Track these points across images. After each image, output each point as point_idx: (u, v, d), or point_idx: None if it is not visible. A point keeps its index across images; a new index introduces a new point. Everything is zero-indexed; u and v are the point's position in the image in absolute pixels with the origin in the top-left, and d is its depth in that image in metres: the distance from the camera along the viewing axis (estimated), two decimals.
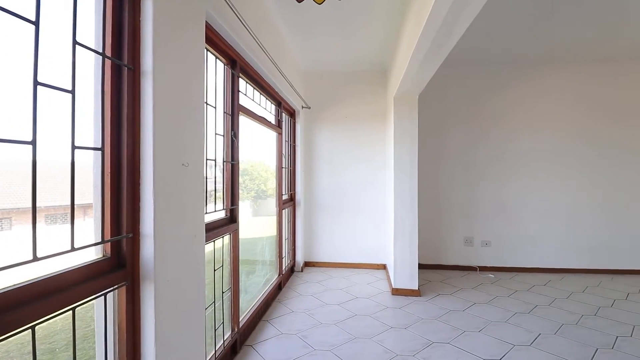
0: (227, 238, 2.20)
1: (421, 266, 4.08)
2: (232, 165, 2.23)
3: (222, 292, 2.13)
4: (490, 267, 4.07)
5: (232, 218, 2.23)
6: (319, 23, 2.88)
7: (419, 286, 3.28)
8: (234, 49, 2.16)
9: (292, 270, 3.92)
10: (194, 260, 1.51)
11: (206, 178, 1.87)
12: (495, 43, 3.40)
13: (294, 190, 3.96)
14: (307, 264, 4.16)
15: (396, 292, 3.23)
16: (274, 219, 3.39)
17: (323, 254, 4.15)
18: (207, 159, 1.87)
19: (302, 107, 3.96)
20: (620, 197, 3.95)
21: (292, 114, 3.88)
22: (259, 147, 3.42)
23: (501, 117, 4.07)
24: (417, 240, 3.25)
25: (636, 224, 3.92)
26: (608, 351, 2.25)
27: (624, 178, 3.94)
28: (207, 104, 1.87)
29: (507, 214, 4.07)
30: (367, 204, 4.08)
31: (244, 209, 3.47)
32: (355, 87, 4.10)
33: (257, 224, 3.63)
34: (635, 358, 2.16)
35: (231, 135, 2.23)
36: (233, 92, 2.25)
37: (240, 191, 3.43)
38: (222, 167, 2.18)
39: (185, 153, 1.42)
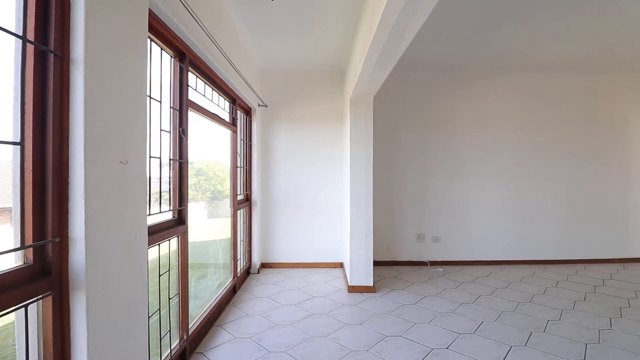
0: (174, 241, 2.08)
1: (376, 263, 4.19)
2: (181, 164, 2.12)
3: (169, 299, 2.01)
4: (440, 261, 4.30)
5: (180, 219, 2.11)
6: (276, 21, 2.84)
7: (374, 282, 3.37)
8: (183, 42, 2.05)
9: (248, 272, 3.82)
10: (134, 265, 1.40)
11: (150, 177, 1.75)
12: (442, 51, 3.61)
13: (250, 190, 3.87)
14: (264, 266, 4.09)
15: (352, 289, 3.28)
16: (230, 220, 3.28)
17: (281, 255, 4.10)
18: (150, 157, 1.75)
19: (259, 105, 3.88)
20: (548, 195, 4.39)
21: (248, 111, 3.79)
22: (213, 145, 3.29)
23: (448, 119, 4.33)
24: (372, 238, 3.33)
25: (562, 219, 4.39)
26: (541, 334, 2.47)
27: (553, 178, 4.39)
28: (150, 97, 1.75)
29: (454, 210, 4.33)
30: (325, 203, 4.11)
31: (199, 210, 3.32)
32: (313, 87, 4.11)
33: (213, 225, 3.50)
34: (563, 339, 2.40)
35: (179, 132, 2.11)
36: (181, 87, 2.14)
37: (194, 192, 3.29)
38: (169, 165, 2.06)
39: (123, 149, 1.31)
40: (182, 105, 2.14)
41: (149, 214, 1.74)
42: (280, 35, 3.14)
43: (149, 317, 1.65)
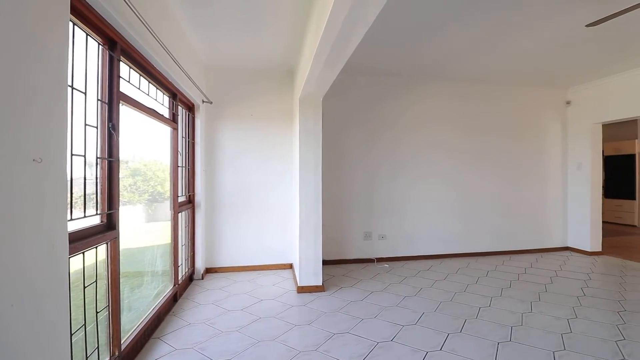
0: (103, 248, 1.88)
1: (326, 262, 4.24)
2: (110, 163, 1.92)
3: (97, 312, 1.81)
4: (386, 257, 4.48)
5: (109, 224, 1.91)
6: (221, 16, 2.72)
7: (323, 282, 3.39)
8: (114, 28, 1.86)
9: (191, 278, 3.60)
10: (52, 276, 1.22)
11: (72, 177, 1.56)
12: (387, 57, 3.77)
13: (194, 191, 3.65)
14: (210, 271, 3.89)
15: (301, 289, 3.26)
16: (170, 224, 3.06)
17: (228, 258, 3.94)
18: (72, 154, 1.56)
19: (203, 101, 3.69)
20: (480, 193, 4.82)
21: (190, 108, 3.57)
22: (153, 143, 3.05)
23: (393, 121, 4.53)
24: (321, 238, 3.35)
25: (491, 216, 4.85)
26: (474, 320, 2.69)
27: (484, 178, 4.83)
28: (72, 87, 1.56)
29: (398, 209, 4.55)
30: (275, 204, 4.04)
31: (136, 213, 3.05)
32: (262, 86, 4.02)
33: (152, 230, 3.24)
34: (492, 323, 2.63)
35: (109, 128, 1.91)
36: (112, 78, 1.94)
37: (130, 193, 3.01)
38: (97, 164, 1.85)
39: (37, 145, 1.14)
40: (113, 98, 1.94)
41: (71, 219, 1.55)
42: (227, 31, 3.01)
43: (71, 335, 1.47)
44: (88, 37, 1.73)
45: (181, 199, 3.32)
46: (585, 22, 2.87)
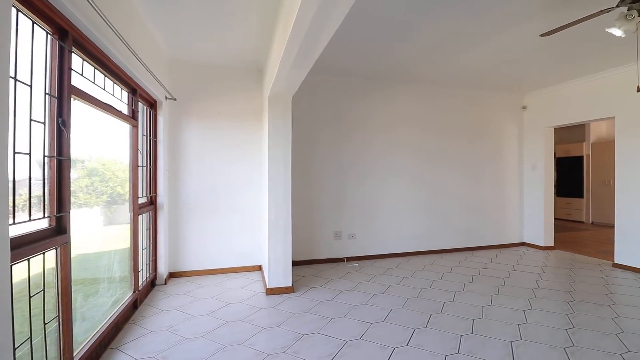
0: (51, 254, 1.73)
1: (296, 263, 4.21)
2: (60, 162, 1.78)
3: (45, 323, 1.66)
4: (356, 257, 4.53)
5: (59, 228, 1.77)
6: (185, 7, 2.61)
7: (292, 283, 3.36)
8: (64, 16, 1.72)
9: (153, 284, 3.43)
10: None
11: (14, 177, 1.42)
12: (356, 59, 3.81)
13: (156, 192, 3.48)
14: (173, 275, 3.73)
15: (270, 291, 3.21)
16: (129, 227, 2.89)
17: (194, 261, 3.79)
18: (15, 152, 1.42)
19: (166, 97, 3.53)
20: (445, 192, 5.01)
21: (152, 104, 3.40)
22: (112, 142, 2.88)
23: (363, 122, 4.60)
24: (290, 238, 3.32)
25: (455, 214, 5.06)
26: (438, 315, 2.78)
27: (449, 177, 5.03)
28: (15, 79, 1.43)
29: (368, 208, 4.62)
30: (244, 204, 3.95)
31: (93, 216, 2.85)
32: (230, 83, 3.92)
33: (111, 233, 3.04)
34: (455, 317, 2.73)
35: (58, 124, 1.77)
36: (62, 70, 1.80)
37: (87, 195, 2.81)
38: (44, 163, 1.70)
39: None
40: (63, 92, 1.80)
41: (13, 223, 1.42)
42: (192, 26, 2.90)
43: (14, 349, 1.35)
44: (35, 25, 1.60)
45: (142, 201, 3.15)
46: (540, 32, 3.07)
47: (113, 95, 2.52)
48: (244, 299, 3.10)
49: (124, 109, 2.74)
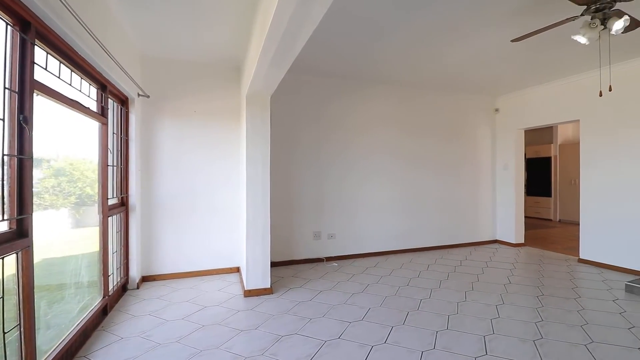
0: (12, 259, 1.62)
1: (274, 264, 4.17)
2: (21, 161, 1.67)
3: (4, 333, 1.56)
4: (335, 256, 4.54)
5: (20, 231, 1.66)
6: (159, 0, 2.53)
7: (271, 284, 3.32)
8: (26, 7, 1.62)
9: (124, 288, 3.30)
10: None
11: None
12: (335, 60, 3.82)
13: (127, 193, 3.34)
14: (147, 279, 3.60)
15: (248, 293, 3.16)
16: (98, 230, 2.76)
17: (168, 264, 3.68)
18: None
19: (139, 94, 3.40)
20: (422, 192, 5.12)
21: (124, 101, 3.27)
22: (80, 140, 2.74)
23: (342, 122, 4.62)
24: (269, 239, 3.28)
25: (432, 213, 5.18)
26: (415, 312, 2.83)
27: (425, 177, 5.14)
28: None
29: (347, 208, 4.64)
30: (222, 205, 3.87)
31: (60, 218, 2.70)
32: (207, 81, 3.83)
33: (80, 236, 2.90)
34: (432, 314, 2.79)
35: (20, 121, 1.66)
36: (24, 64, 1.69)
37: (53, 196, 2.66)
38: (2, 163, 1.59)
39: None
40: (25, 87, 1.70)
41: None
42: (167, 21, 2.81)
43: None
44: None
45: (113, 202, 3.02)
46: (511, 37, 3.18)
47: (80, 91, 2.40)
48: (221, 302, 3.03)
49: (93, 106, 2.62)
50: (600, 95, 3.10)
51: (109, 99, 2.88)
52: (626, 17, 2.24)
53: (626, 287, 3.33)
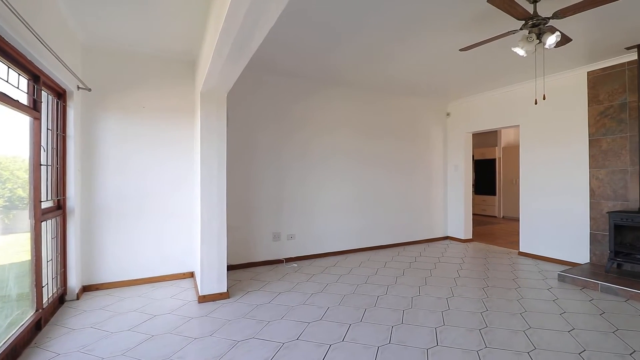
0: None
1: (232, 267, 4.04)
2: None
3: None
4: (295, 257, 4.51)
5: None
6: None
7: (228, 288, 3.21)
8: None
9: (61, 300, 2.99)
10: None
11: None
12: (297, 60, 3.81)
13: (65, 195, 3.03)
14: (88, 289, 3.30)
15: (203, 299, 3.03)
16: (30, 236, 2.48)
17: (115, 272, 3.40)
18: None
19: (79, 87, 3.12)
20: (379, 192, 5.27)
21: (61, 94, 2.97)
22: (10, 137, 2.44)
23: (302, 123, 4.61)
24: (225, 242, 3.17)
25: (388, 212, 5.35)
26: (372, 309, 2.89)
27: (381, 177, 5.30)
28: None
29: (307, 208, 4.64)
30: (175, 207, 3.67)
31: None
32: (158, 75, 3.60)
33: (8, 244, 2.58)
34: (388, 309, 2.87)
35: None
36: None
37: None
38: None
39: None
40: None
41: None
42: (111, 8, 2.60)
43: None
44: None
45: (47, 205, 2.73)
46: (460, 46, 3.38)
47: (7, 81, 2.13)
48: (172, 309, 2.87)
49: (23, 98, 2.34)
50: (536, 103, 3.41)
51: (43, 92, 2.60)
52: (558, 33, 2.48)
53: (559, 276, 3.69)
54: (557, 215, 4.40)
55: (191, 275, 3.75)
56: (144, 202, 3.53)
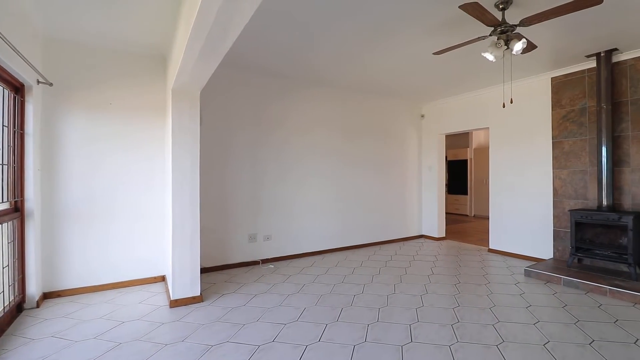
0: None
1: (206, 269, 3.94)
2: None
3: None
4: (272, 258, 4.46)
5: None
6: None
7: (201, 291, 3.13)
8: None
9: (19, 308, 2.79)
10: None
11: None
12: (275, 59, 3.77)
13: (23, 196, 2.83)
14: (49, 296, 3.10)
15: (175, 303, 2.92)
16: None
17: (79, 277, 3.22)
18: None
19: (39, 82, 2.92)
20: (356, 192, 5.32)
21: (18, 89, 2.77)
22: None
23: (280, 123, 4.57)
24: (199, 244, 3.08)
25: (365, 212, 5.41)
26: (349, 308, 2.90)
27: (358, 178, 5.34)
28: None
29: (284, 209, 4.60)
30: (146, 209, 3.52)
31: None
32: (128, 71, 3.45)
33: None
34: (364, 308, 2.89)
35: None
36: None
37: None
38: None
39: None
40: None
41: None
42: None
43: None
44: None
45: (3, 207, 2.54)
46: (432, 50, 3.47)
47: None
48: (142, 315, 2.75)
49: None
50: (504, 106, 3.55)
51: None
52: (524, 40, 2.60)
53: (525, 272, 3.87)
54: (524, 213, 4.62)
55: (162, 279, 3.61)
56: (113, 203, 3.37)
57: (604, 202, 3.68)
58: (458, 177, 9.57)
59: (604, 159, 3.67)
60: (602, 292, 3.22)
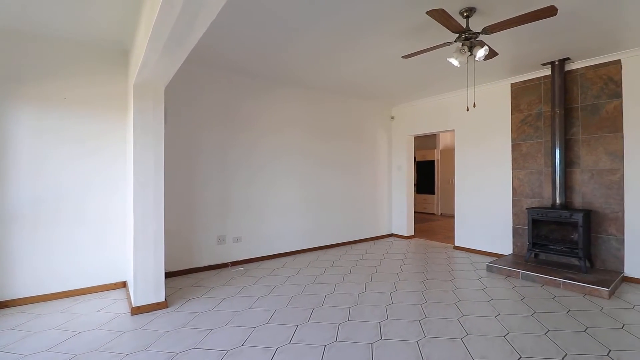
0: None
1: (172, 274, 3.79)
2: None
3: None
4: (241, 260, 4.37)
5: None
6: None
7: (166, 297, 2.99)
8: None
9: None
10: None
11: None
12: (248, 57, 3.68)
13: None
14: None
15: (137, 310, 2.77)
16: None
17: (29, 286, 2.97)
18: None
19: None
20: (326, 192, 5.34)
21: None
22: None
23: (251, 122, 4.48)
24: (163, 248, 2.94)
25: (336, 212, 5.45)
26: (320, 308, 2.90)
27: (329, 178, 5.36)
28: None
29: (255, 210, 4.52)
30: (106, 212, 3.32)
31: None
32: (84, 63, 3.23)
33: None
34: (335, 307, 2.90)
35: None
36: None
37: None
38: None
39: None
40: None
41: None
42: None
43: None
44: None
45: None
46: (401, 53, 3.55)
47: None
48: (101, 324, 2.59)
49: None
50: (467, 110, 3.72)
51: None
52: (486, 47, 2.72)
53: (487, 267, 4.06)
54: (486, 211, 4.85)
55: (123, 285, 3.42)
56: (64, 206, 3.14)
57: (557, 201, 3.94)
58: (426, 177, 9.89)
59: (557, 161, 3.94)
60: (556, 285, 3.45)
